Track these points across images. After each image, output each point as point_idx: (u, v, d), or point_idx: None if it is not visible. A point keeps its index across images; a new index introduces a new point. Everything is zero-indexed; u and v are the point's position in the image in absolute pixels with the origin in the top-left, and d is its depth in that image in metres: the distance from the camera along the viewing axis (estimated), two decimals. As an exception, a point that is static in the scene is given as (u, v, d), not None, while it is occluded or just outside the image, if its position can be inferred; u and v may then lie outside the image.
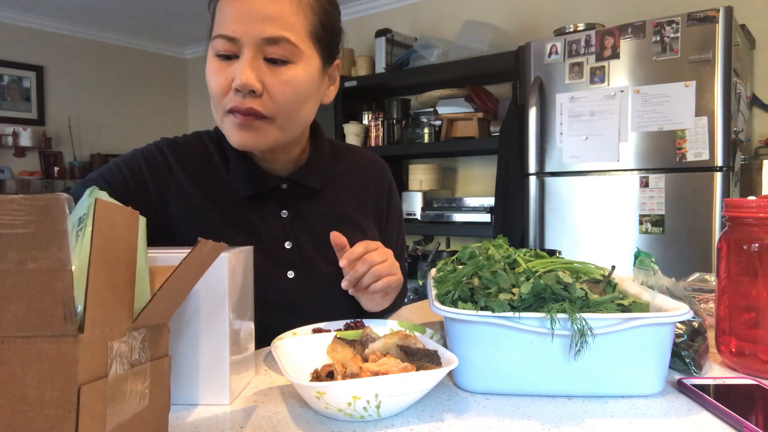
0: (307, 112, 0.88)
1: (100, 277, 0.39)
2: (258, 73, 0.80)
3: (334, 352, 0.68)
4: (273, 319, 0.81)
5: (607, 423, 0.57)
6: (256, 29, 0.79)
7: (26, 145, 4.30)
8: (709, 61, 1.99)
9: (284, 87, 0.81)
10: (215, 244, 0.55)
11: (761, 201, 0.70)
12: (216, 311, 0.63)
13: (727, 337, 0.75)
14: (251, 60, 0.79)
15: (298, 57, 0.82)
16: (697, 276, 1.06)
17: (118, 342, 0.42)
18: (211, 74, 0.83)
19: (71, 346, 0.36)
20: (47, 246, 0.35)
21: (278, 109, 0.83)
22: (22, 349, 0.35)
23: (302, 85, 0.83)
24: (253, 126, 0.83)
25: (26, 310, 0.35)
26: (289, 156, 0.96)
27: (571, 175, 2.32)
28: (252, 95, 0.80)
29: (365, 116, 3.40)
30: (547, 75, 2.33)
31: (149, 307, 0.46)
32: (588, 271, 0.72)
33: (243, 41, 0.79)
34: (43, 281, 0.35)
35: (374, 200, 1.07)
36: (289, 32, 0.80)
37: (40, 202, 0.34)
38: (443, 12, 3.44)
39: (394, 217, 1.11)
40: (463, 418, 0.58)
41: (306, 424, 0.57)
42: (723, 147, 1.99)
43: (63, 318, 0.36)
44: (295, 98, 0.83)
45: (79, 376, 0.36)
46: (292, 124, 0.86)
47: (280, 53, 0.80)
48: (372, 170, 1.08)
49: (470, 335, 0.64)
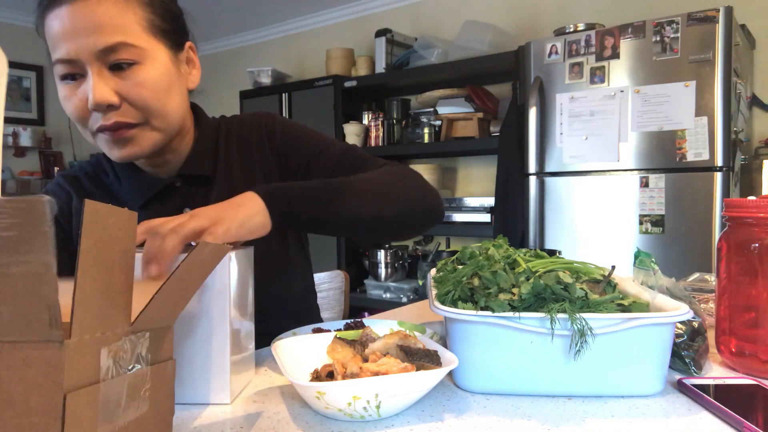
0: (174, 104, 0.85)
1: (89, 281, 0.38)
2: (109, 85, 0.77)
3: (334, 352, 0.68)
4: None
5: (607, 423, 0.57)
6: (90, 43, 0.76)
7: (26, 145, 4.31)
8: (709, 61, 1.99)
9: (140, 90, 0.79)
10: (217, 245, 0.54)
11: (761, 201, 0.70)
12: (217, 311, 0.63)
13: (727, 337, 0.75)
14: (97, 75, 0.77)
15: (142, 56, 0.79)
16: (697, 276, 1.06)
17: (112, 347, 0.41)
18: (65, 101, 0.81)
19: (57, 352, 0.35)
20: (31, 249, 0.34)
21: (144, 113, 0.81)
22: (8, 354, 0.35)
23: (157, 81, 0.81)
24: (127, 137, 0.81)
25: (12, 314, 0.34)
26: (177, 154, 0.93)
27: (571, 175, 2.31)
28: (112, 109, 0.78)
29: (365, 116, 3.39)
30: (547, 75, 2.33)
31: (147, 310, 0.45)
32: (588, 271, 0.72)
33: (82, 59, 0.76)
34: (28, 285, 0.34)
35: (259, 154, 0.98)
36: (122, 35, 0.77)
37: (23, 205, 0.33)
38: (443, 12, 3.44)
39: (292, 145, 0.98)
40: (463, 418, 0.58)
41: (306, 424, 0.57)
42: (723, 147, 1.99)
43: (48, 323, 0.35)
44: (155, 96, 0.81)
45: (66, 383, 0.35)
46: (165, 120, 0.83)
47: (123, 58, 0.78)
48: (251, 127, 1.00)
49: (470, 335, 0.64)
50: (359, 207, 0.81)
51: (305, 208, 0.77)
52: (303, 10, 3.90)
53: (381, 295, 3.22)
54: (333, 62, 3.53)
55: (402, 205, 0.87)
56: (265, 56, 4.35)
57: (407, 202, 0.87)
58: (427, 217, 0.91)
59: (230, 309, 0.63)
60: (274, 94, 3.66)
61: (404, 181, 0.90)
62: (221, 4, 3.80)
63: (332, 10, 3.86)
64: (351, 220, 0.82)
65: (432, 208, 0.91)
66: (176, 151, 0.93)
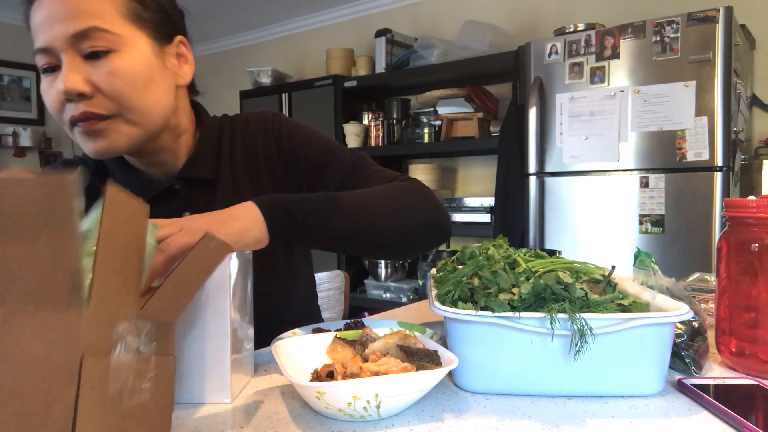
0: (154, 98, 0.80)
1: (108, 256, 0.40)
2: (81, 74, 0.74)
3: (334, 352, 0.68)
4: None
5: (607, 423, 0.57)
6: (62, 30, 0.73)
7: (26, 145, 4.30)
8: (709, 61, 1.99)
9: (112, 79, 0.75)
10: (221, 242, 0.55)
11: (761, 201, 0.70)
12: (218, 310, 0.63)
13: (727, 337, 0.75)
14: (70, 63, 0.74)
15: (118, 43, 0.75)
16: (697, 276, 1.06)
17: (124, 323, 0.43)
18: (44, 94, 0.78)
19: (76, 315, 0.37)
20: (57, 221, 0.36)
21: (116, 104, 0.76)
22: (29, 318, 0.36)
23: (133, 71, 0.76)
24: (98, 130, 0.77)
25: (36, 281, 0.36)
26: (174, 155, 0.89)
27: (571, 175, 2.31)
28: (83, 98, 0.75)
29: (365, 116, 3.39)
30: (547, 75, 2.33)
31: (156, 297, 0.47)
32: (588, 271, 0.72)
33: (56, 47, 0.74)
34: (52, 253, 0.36)
35: (265, 157, 0.95)
36: (96, 20, 0.74)
37: (52, 178, 0.36)
38: (443, 12, 3.44)
39: (299, 148, 0.95)
40: (463, 418, 0.58)
41: (306, 424, 0.57)
42: (723, 147, 1.99)
43: (70, 289, 0.37)
44: (129, 87, 0.76)
45: (83, 346, 0.37)
46: (141, 114, 0.79)
47: (96, 45, 0.74)
48: (257, 129, 0.96)
49: (470, 335, 0.64)
50: (361, 225, 0.79)
51: (305, 225, 0.75)
52: (303, 10, 3.90)
53: (381, 295, 3.22)
54: (333, 62, 3.53)
55: (407, 223, 0.84)
56: (265, 56, 4.35)
57: (413, 221, 0.85)
58: (434, 237, 0.89)
59: (230, 309, 0.63)
60: (274, 94, 3.66)
61: (411, 198, 0.86)
62: (221, 4, 3.80)
63: (332, 10, 3.86)
64: (352, 239, 0.80)
65: (438, 227, 0.88)
66: (172, 150, 0.89)
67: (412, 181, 0.92)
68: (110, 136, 0.78)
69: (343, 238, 0.79)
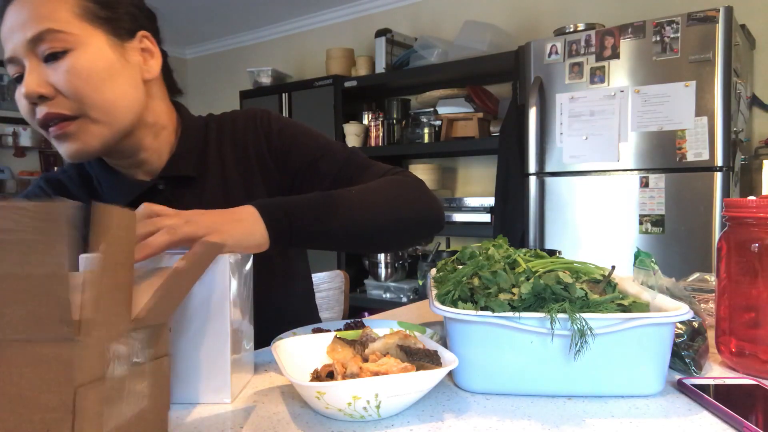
0: (116, 94, 0.80)
1: (99, 280, 0.39)
2: (41, 76, 0.76)
3: (334, 352, 0.68)
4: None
5: (607, 423, 0.57)
6: (21, 36, 0.76)
7: (26, 145, 4.30)
8: (709, 61, 1.99)
9: (69, 77, 0.76)
10: (212, 244, 0.55)
11: (761, 201, 0.70)
12: (217, 310, 0.63)
13: (727, 337, 0.75)
14: (30, 68, 0.76)
15: (74, 42, 0.77)
16: (697, 276, 1.06)
17: (116, 343, 0.42)
18: (18, 103, 0.80)
19: (69, 349, 0.36)
20: (48, 251, 0.35)
21: (78, 103, 0.77)
22: (20, 352, 0.36)
23: (89, 67, 0.77)
24: (68, 133, 0.78)
25: (25, 313, 0.36)
26: (156, 153, 0.89)
27: (571, 175, 2.31)
28: (45, 100, 0.77)
29: (365, 116, 3.39)
30: (547, 75, 2.33)
31: (151, 303, 0.46)
32: (588, 271, 0.72)
33: (19, 55, 0.76)
34: (42, 285, 0.35)
35: (256, 155, 0.96)
36: (50, 23, 0.75)
37: (45, 209, 0.35)
38: (443, 12, 3.44)
39: (291, 144, 0.96)
40: (463, 418, 0.58)
41: (306, 424, 0.57)
42: (723, 147, 1.99)
43: (59, 321, 0.36)
44: (86, 83, 0.77)
45: (77, 379, 0.37)
46: (105, 111, 0.79)
47: (53, 46, 0.76)
48: (247, 126, 0.97)
49: (470, 335, 0.64)
50: (360, 225, 0.81)
51: (305, 230, 0.76)
52: (303, 10, 3.90)
53: (381, 295, 3.22)
54: (333, 62, 3.53)
55: (403, 218, 0.86)
56: (265, 56, 4.35)
57: (409, 215, 0.87)
58: (429, 228, 0.90)
59: (230, 309, 0.63)
60: (274, 94, 3.66)
61: (406, 192, 0.88)
62: (221, 4, 3.80)
63: (332, 10, 3.86)
64: (350, 239, 0.81)
65: (433, 219, 0.90)
66: (152, 149, 0.89)
67: (405, 174, 0.93)
68: (81, 138, 0.79)
69: (342, 239, 0.81)
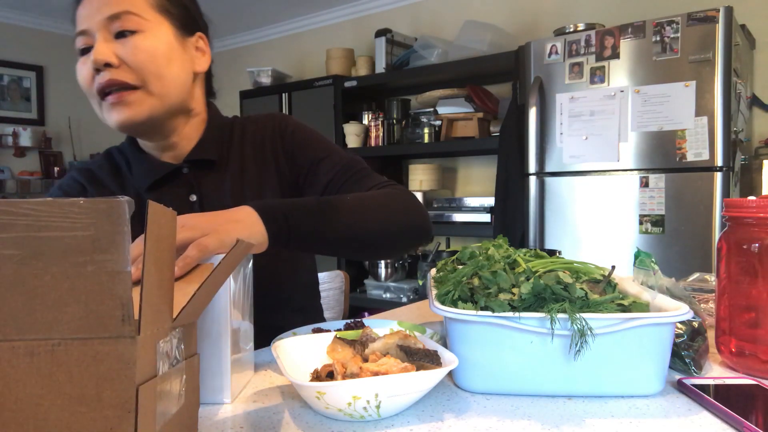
0: (173, 73, 0.89)
1: (151, 278, 0.40)
2: (110, 47, 0.85)
3: (334, 352, 0.68)
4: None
5: (607, 423, 0.57)
6: (100, 14, 0.85)
7: (26, 145, 4.30)
8: (709, 61, 1.99)
9: (137, 52, 0.85)
10: (243, 243, 0.55)
11: (761, 201, 0.70)
12: (217, 311, 0.63)
13: (727, 337, 0.75)
14: (102, 40, 0.85)
15: (145, 26, 0.87)
16: (697, 276, 1.06)
17: (163, 341, 0.43)
18: (78, 73, 0.89)
19: (129, 347, 0.36)
20: (107, 248, 0.35)
21: (139, 75, 0.86)
22: (79, 351, 0.36)
23: (155, 47, 0.87)
24: (125, 100, 0.86)
25: (83, 312, 0.36)
26: (186, 139, 0.97)
27: (571, 175, 2.31)
28: (109, 68, 0.85)
29: (365, 116, 3.39)
30: (547, 75, 2.33)
31: (190, 305, 0.46)
32: (588, 271, 0.72)
33: (92, 29, 0.85)
34: (101, 283, 0.35)
35: (272, 151, 1.03)
36: (128, 6, 0.85)
37: (102, 206, 0.35)
38: (443, 12, 3.44)
39: (300, 144, 1.03)
40: (463, 418, 0.58)
41: (306, 424, 0.57)
42: (723, 147, 1.99)
43: (121, 319, 0.36)
44: (151, 60, 0.86)
45: (137, 377, 0.37)
46: (162, 85, 0.88)
47: (125, 26, 0.85)
48: (266, 126, 1.04)
49: (470, 335, 0.64)
50: (355, 231, 0.84)
51: (303, 233, 0.78)
52: (303, 10, 3.90)
53: (381, 295, 3.22)
54: (333, 62, 3.53)
55: (394, 228, 0.90)
56: (265, 56, 4.35)
57: (399, 226, 0.91)
58: (418, 237, 0.95)
59: (230, 308, 0.63)
60: (274, 94, 3.66)
61: (397, 203, 0.92)
62: (221, 4, 3.80)
63: (332, 10, 3.86)
64: (345, 244, 0.86)
65: (424, 230, 0.96)
66: (183, 134, 0.96)
67: (397, 187, 0.98)
68: (134, 107, 0.86)
69: (336, 244, 0.85)
